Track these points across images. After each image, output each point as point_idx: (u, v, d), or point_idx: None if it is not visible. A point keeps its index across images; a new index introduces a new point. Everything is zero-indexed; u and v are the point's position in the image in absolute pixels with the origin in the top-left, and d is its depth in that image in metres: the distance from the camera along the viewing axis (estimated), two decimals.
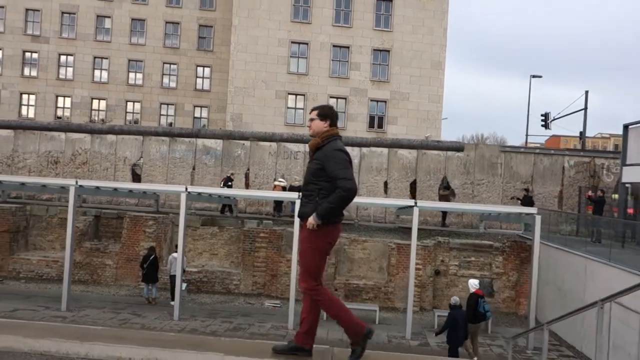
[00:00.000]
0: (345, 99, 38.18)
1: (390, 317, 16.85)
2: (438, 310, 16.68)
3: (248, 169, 24.48)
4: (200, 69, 46.16)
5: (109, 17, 45.26)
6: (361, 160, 24.28)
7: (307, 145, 18.26)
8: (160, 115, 45.64)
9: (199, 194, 16.79)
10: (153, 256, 16.92)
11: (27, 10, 44.52)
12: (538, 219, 14.63)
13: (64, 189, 16.65)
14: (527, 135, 34.87)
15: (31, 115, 44.37)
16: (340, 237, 18.99)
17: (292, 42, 37.68)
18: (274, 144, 24.56)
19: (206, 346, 4.16)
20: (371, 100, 38.38)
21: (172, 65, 45.83)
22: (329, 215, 3.94)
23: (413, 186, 23.99)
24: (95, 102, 45.33)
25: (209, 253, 19.87)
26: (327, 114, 4.29)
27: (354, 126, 37.76)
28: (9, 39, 44.20)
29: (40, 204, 21.70)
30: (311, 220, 3.96)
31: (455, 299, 12.26)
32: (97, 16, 45.15)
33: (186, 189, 15.23)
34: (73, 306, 15.54)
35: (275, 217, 21.95)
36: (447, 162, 24.05)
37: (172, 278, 16.93)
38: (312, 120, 4.31)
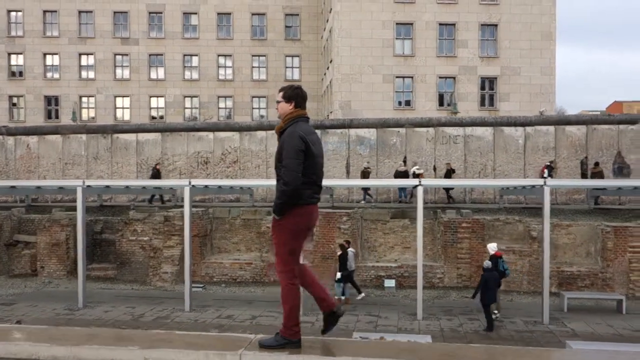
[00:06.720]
0: (454, 78, 36.83)
1: (637, 306, 15.78)
2: None
3: (405, 157, 23.59)
4: (289, 59, 45.48)
5: (195, 13, 44.86)
6: (526, 141, 23.10)
7: (465, 128, 17.06)
8: (253, 108, 45.23)
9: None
10: (340, 253, 16.27)
11: (114, 13, 44.41)
12: None
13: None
14: None
15: (126, 117, 44.49)
16: (533, 222, 17.56)
17: (397, 24, 36.43)
18: (431, 129, 23.59)
19: None
20: (481, 78, 36.93)
21: (260, 57, 45.25)
22: (281, 209, 3.96)
23: (584, 164, 22.68)
24: (187, 100, 45.22)
25: (401, 246, 19.13)
26: (291, 95, 4.11)
27: (465, 106, 36.33)
28: (100, 42, 44.22)
29: (221, 206, 21.33)
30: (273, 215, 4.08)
31: (487, 263, 13.38)
32: (183, 13, 44.79)
33: (420, 182, 14.43)
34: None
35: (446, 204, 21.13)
36: (619, 136, 22.65)
37: (351, 274, 16.22)
38: (278, 102, 4.17)
